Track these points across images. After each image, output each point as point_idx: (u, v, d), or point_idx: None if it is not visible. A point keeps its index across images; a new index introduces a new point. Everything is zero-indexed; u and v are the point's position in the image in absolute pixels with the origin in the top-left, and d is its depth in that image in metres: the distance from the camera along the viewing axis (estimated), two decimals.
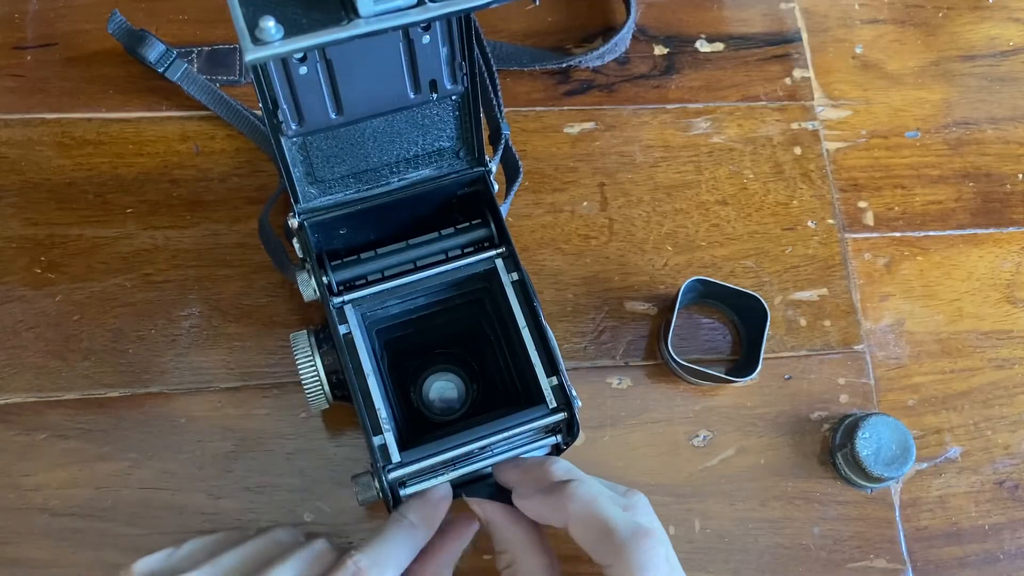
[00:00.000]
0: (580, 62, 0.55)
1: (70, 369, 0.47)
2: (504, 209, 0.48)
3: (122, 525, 0.44)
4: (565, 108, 0.54)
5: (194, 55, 0.53)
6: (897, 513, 0.47)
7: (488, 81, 0.48)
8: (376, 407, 0.37)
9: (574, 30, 0.57)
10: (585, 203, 0.52)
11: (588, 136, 0.54)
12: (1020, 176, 0.56)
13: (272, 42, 0.29)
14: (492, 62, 0.49)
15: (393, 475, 0.36)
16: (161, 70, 0.51)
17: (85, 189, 0.50)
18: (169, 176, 0.51)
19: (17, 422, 0.45)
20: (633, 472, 0.47)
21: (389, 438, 0.36)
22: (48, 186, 0.50)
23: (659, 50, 0.57)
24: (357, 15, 0.30)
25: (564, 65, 0.55)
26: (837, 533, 0.47)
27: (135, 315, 0.48)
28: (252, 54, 0.29)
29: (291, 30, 0.29)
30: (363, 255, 0.41)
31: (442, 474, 0.38)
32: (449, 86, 0.37)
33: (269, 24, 0.29)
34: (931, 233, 0.54)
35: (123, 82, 0.53)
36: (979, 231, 0.54)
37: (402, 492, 0.37)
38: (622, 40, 0.55)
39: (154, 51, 0.50)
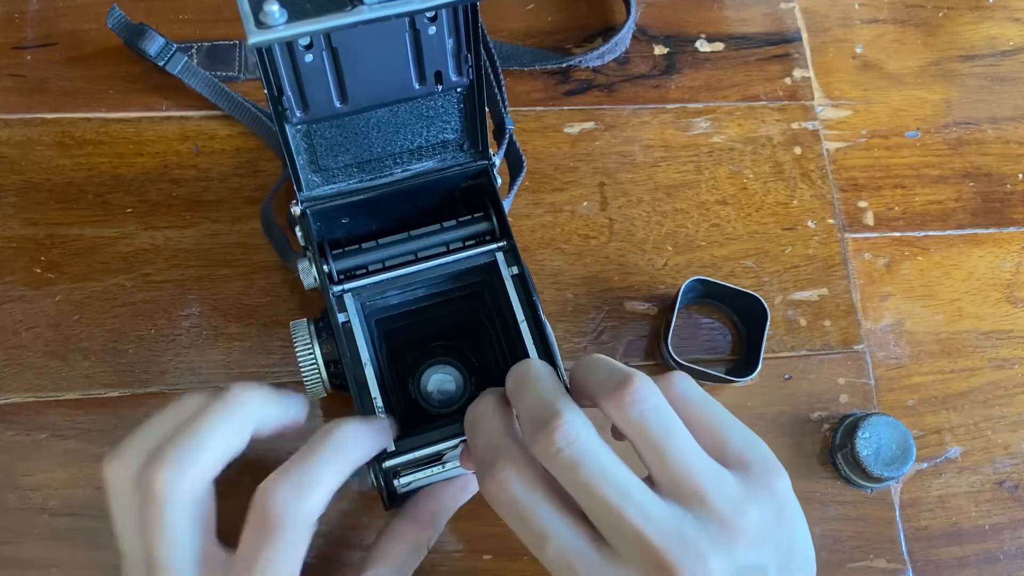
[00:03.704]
0: (580, 62, 0.55)
1: (70, 369, 0.47)
2: (507, 204, 0.48)
3: None
4: (565, 108, 0.54)
5: (193, 51, 0.53)
6: (897, 513, 0.47)
7: (492, 75, 0.48)
8: (372, 396, 0.37)
9: (574, 30, 0.57)
10: (585, 203, 0.52)
11: (588, 136, 0.54)
12: (1020, 176, 0.56)
13: (276, 26, 0.30)
14: (496, 57, 0.49)
15: (387, 464, 0.36)
16: (162, 63, 0.51)
17: (85, 189, 0.50)
18: (169, 176, 0.51)
19: (17, 422, 0.45)
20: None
21: None
22: (48, 186, 0.50)
23: (659, 50, 0.57)
24: (361, 1, 0.30)
25: (564, 65, 0.55)
26: (837, 533, 0.47)
27: (135, 315, 0.48)
28: (255, 37, 0.29)
29: (295, 15, 0.30)
30: (364, 245, 0.41)
31: (438, 466, 0.38)
32: (454, 78, 0.37)
33: (273, 8, 0.29)
34: (931, 233, 0.54)
35: (123, 82, 0.53)
36: (979, 231, 0.54)
37: (396, 482, 0.37)
38: (622, 40, 0.55)
39: (154, 44, 0.51)
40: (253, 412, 0.34)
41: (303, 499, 0.31)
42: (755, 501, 0.30)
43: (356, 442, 0.34)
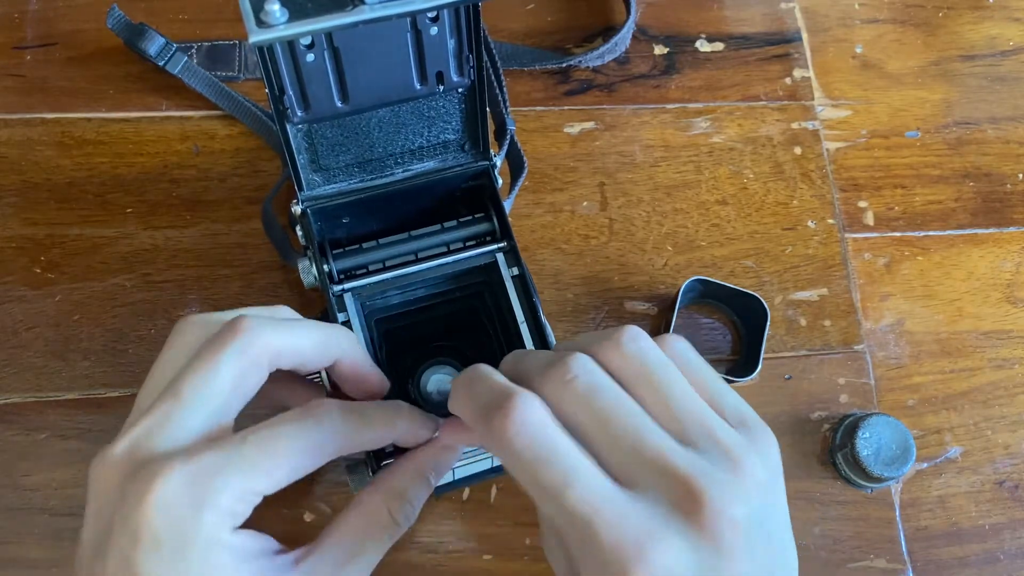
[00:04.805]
0: (580, 62, 0.55)
1: (70, 369, 0.47)
2: (508, 204, 0.48)
3: None
4: (565, 108, 0.54)
5: (193, 51, 0.53)
6: (897, 513, 0.47)
7: (493, 76, 0.48)
8: None
9: (574, 30, 0.57)
10: (585, 203, 0.52)
11: (588, 136, 0.54)
12: (1020, 176, 0.56)
13: (276, 25, 0.30)
14: (497, 57, 0.49)
15: (385, 463, 0.36)
16: (162, 63, 0.51)
17: (85, 189, 0.50)
18: (169, 176, 0.51)
19: (17, 422, 0.45)
20: None
21: None
22: (48, 186, 0.50)
23: (659, 50, 0.57)
24: (363, 1, 0.30)
25: (564, 65, 0.55)
26: (837, 533, 0.47)
27: (135, 315, 0.48)
28: (256, 36, 0.30)
29: (296, 14, 0.30)
30: (365, 244, 0.41)
31: None
32: (456, 79, 0.37)
33: (274, 7, 0.29)
34: (931, 233, 0.54)
35: (123, 82, 0.53)
36: (979, 231, 0.54)
37: None
38: (622, 40, 0.55)
39: (154, 44, 0.51)
40: (263, 346, 0.31)
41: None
42: (757, 453, 0.29)
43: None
